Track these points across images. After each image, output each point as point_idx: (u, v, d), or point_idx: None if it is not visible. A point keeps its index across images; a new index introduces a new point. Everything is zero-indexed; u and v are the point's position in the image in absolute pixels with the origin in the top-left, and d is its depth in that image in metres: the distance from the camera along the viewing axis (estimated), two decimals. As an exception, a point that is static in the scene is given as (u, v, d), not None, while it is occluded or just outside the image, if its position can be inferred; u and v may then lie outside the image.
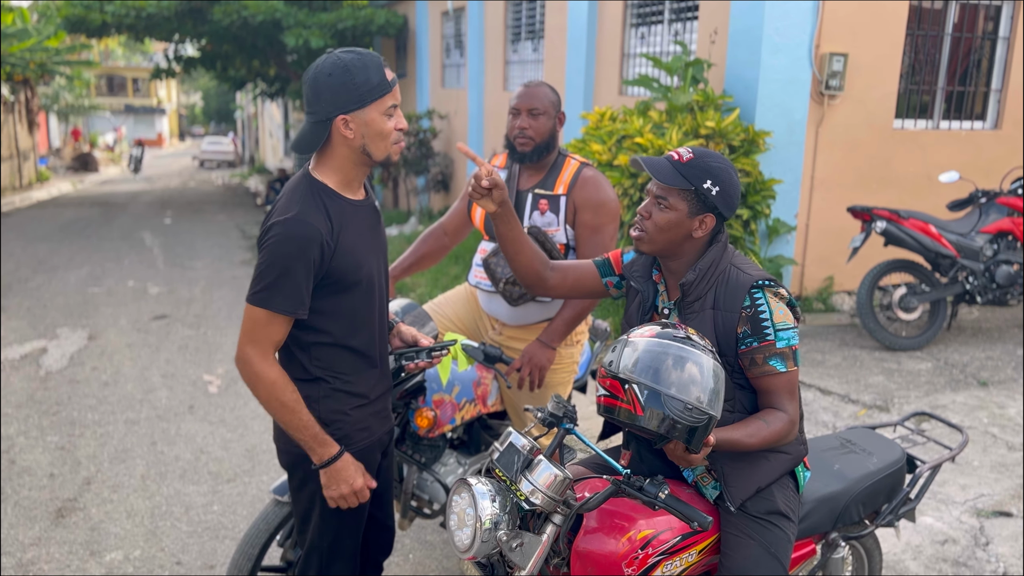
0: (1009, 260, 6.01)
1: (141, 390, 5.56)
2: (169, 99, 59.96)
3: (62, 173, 28.17)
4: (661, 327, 1.86)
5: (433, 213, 13.06)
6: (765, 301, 2.00)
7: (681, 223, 2.03)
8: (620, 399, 1.80)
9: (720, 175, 2.02)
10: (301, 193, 2.02)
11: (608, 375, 1.83)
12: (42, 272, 9.66)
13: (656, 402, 1.75)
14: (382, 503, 2.41)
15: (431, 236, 3.28)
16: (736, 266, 2.07)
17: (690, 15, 7.40)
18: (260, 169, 29.84)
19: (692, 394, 1.75)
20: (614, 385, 1.81)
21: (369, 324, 2.15)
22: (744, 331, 2.00)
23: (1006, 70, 7.15)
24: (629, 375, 1.78)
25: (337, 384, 2.12)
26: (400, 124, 2.03)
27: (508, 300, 2.91)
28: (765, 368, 1.99)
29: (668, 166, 2.03)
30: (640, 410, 1.76)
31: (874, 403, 5.05)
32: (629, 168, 5.87)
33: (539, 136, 2.86)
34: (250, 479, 4.24)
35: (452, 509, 1.91)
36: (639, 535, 1.96)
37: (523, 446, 1.90)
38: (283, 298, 1.97)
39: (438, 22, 13.49)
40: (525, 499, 1.84)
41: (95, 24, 14.62)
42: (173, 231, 13.55)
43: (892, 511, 2.51)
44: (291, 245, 1.95)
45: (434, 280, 8.00)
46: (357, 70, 1.95)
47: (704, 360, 1.79)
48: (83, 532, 3.74)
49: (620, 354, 1.83)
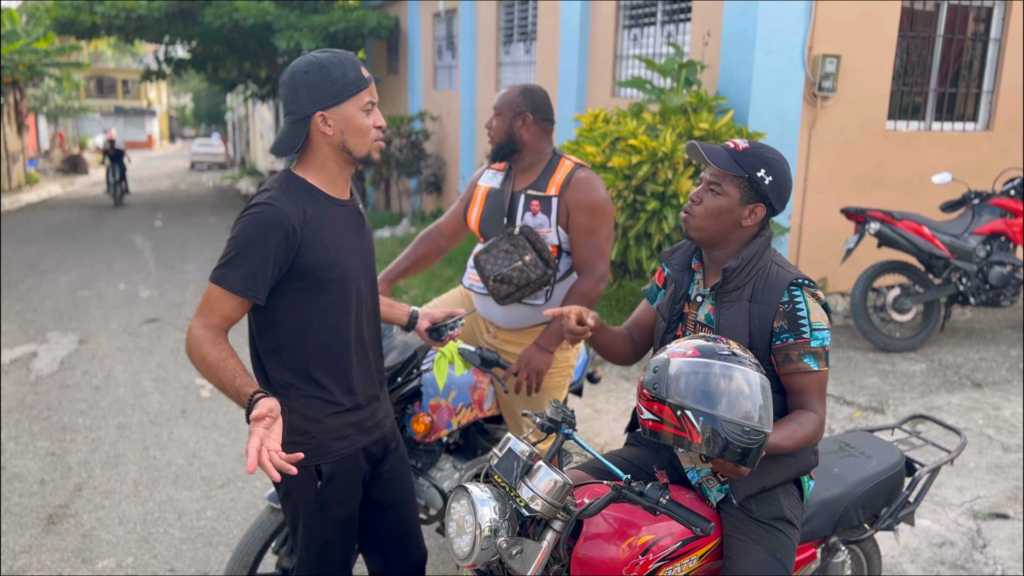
0: (1002, 261, 6.03)
1: (133, 394, 5.52)
2: (159, 101, 59.73)
3: (52, 175, 28.04)
4: (703, 341, 1.84)
5: (425, 215, 13.03)
6: (803, 299, 2.01)
7: (732, 210, 2.04)
8: (670, 424, 1.77)
9: (774, 165, 2.03)
10: (277, 184, 2.02)
11: (654, 399, 1.79)
12: (32, 275, 9.59)
13: (713, 428, 1.72)
14: (396, 518, 2.34)
15: (428, 238, 3.27)
16: (776, 264, 2.08)
17: (683, 17, 7.39)
18: (251, 171, 29.75)
19: (747, 415, 1.73)
20: (662, 410, 1.77)
21: (344, 328, 2.10)
22: (780, 326, 2.00)
23: (997, 71, 7.17)
24: (680, 400, 1.75)
25: (309, 390, 2.07)
26: (378, 121, 2.03)
27: (495, 298, 2.89)
28: (799, 365, 1.99)
29: (724, 152, 2.04)
30: (697, 437, 1.73)
31: (869, 405, 5.05)
32: (623, 170, 5.86)
33: (497, 135, 2.92)
34: (244, 484, 4.21)
35: (451, 516, 1.89)
36: (639, 541, 1.94)
37: (522, 452, 1.87)
38: (236, 277, 1.94)
39: (430, 24, 13.47)
40: (525, 505, 1.82)
41: (85, 26, 14.56)
42: (164, 234, 13.49)
43: (892, 514, 2.51)
44: (253, 226, 1.94)
45: (427, 282, 7.97)
46: (333, 66, 1.96)
47: (752, 376, 1.77)
48: (75, 539, 3.70)
49: (664, 376, 1.79)
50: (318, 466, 2.10)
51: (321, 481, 2.11)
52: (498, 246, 2.87)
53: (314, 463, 2.09)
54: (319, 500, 2.13)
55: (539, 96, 2.92)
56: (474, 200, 3.08)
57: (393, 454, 2.32)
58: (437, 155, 13.15)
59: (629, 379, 5.55)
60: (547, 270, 2.84)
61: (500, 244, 2.87)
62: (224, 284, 1.94)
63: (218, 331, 1.97)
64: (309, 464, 2.09)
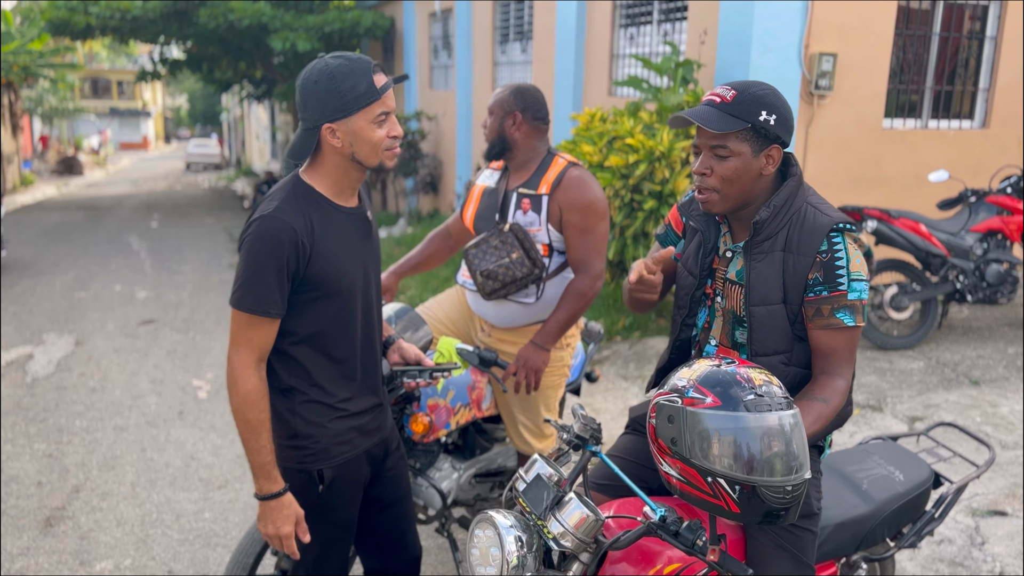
0: (999, 259, 6.03)
1: (130, 396, 5.51)
2: (155, 102, 59.63)
3: (46, 177, 27.98)
4: (718, 372, 1.60)
5: (422, 215, 13.02)
6: (844, 247, 1.84)
7: (748, 166, 1.84)
8: (701, 490, 1.58)
9: (771, 100, 1.83)
10: (283, 193, 1.99)
11: (677, 457, 1.60)
12: (28, 277, 9.56)
13: (753, 496, 1.53)
14: (394, 516, 2.34)
15: (437, 237, 3.32)
16: (813, 205, 1.89)
17: (679, 16, 7.39)
18: (247, 172, 29.71)
19: (788, 470, 1.53)
20: (688, 472, 1.58)
21: (350, 336, 2.09)
22: (815, 278, 1.84)
23: (993, 69, 7.18)
24: (711, 467, 1.54)
25: (313, 395, 2.06)
26: (393, 131, 1.97)
27: (482, 293, 2.90)
28: (831, 321, 1.83)
29: (714, 112, 1.83)
30: (735, 507, 1.55)
31: (867, 403, 5.05)
32: (620, 169, 5.86)
33: (491, 134, 2.94)
34: (241, 485, 4.20)
35: (474, 543, 1.79)
36: (666, 569, 1.86)
37: (549, 477, 1.77)
38: (254, 297, 1.92)
39: (426, 24, 13.45)
40: (554, 538, 1.72)
41: (79, 27, 14.52)
42: (160, 235, 13.46)
43: (916, 532, 2.39)
44: (263, 243, 1.91)
45: (424, 283, 7.97)
46: (343, 77, 1.89)
47: (786, 418, 1.55)
48: (72, 541, 3.69)
49: (685, 433, 1.57)
50: (320, 470, 2.09)
51: (323, 485, 2.11)
52: (488, 242, 2.88)
53: (316, 467, 2.09)
54: (320, 504, 2.12)
55: (531, 95, 2.92)
56: (471, 198, 3.10)
57: (394, 454, 2.31)
58: (434, 155, 13.14)
59: (627, 378, 5.55)
60: (533, 268, 2.84)
61: (490, 240, 2.88)
62: (243, 307, 1.94)
63: (261, 368, 1.99)
64: (311, 468, 2.09)
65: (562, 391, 3.17)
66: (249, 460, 2.00)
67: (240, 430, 1.99)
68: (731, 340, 2.01)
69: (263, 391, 1.99)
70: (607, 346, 6.15)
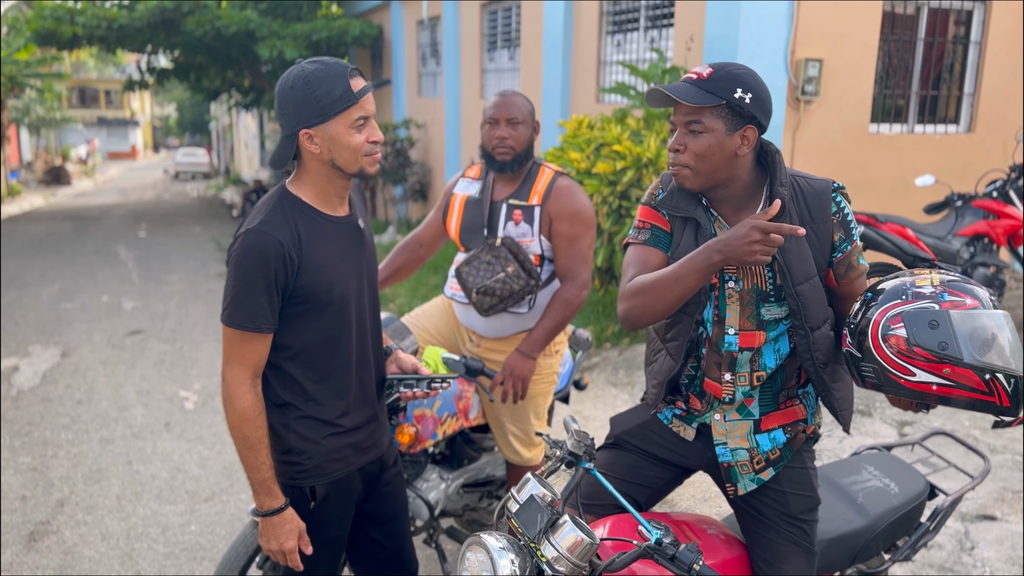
0: (986, 262, 6.05)
1: (116, 408, 5.46)
2: (143, 111, 59.45)
3: (34, 187, 27.85)
4: (970, 290, 1.74)
5: (411, 222, 13.01)
6: (845, 202, 1.94)
7: (722, 144, 1.85)
8: (971, 388, 1.68)
9: (748, 80, 1.84)
10: (269, 205, 1.96)
11: (945, 361, 1.68)
12: (13, 288, 9.49)
13: (1017, 389, 1.66)
14: (389, 532, 2.31)
15: (406, 248, 3.24)
16: (800, 176, 1.95)
17: (666, 22, 7.41)
18: (236, 180, 29.64)
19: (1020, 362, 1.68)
20: (959, 372, 1.67)
21: (345, 347, 2.06)
22: (840, 237, 1.92)
23: (978, 74, 7.22)
24: (989, 364, 1.66)
25: (308, 410, 2.03)
26: (372, 136, 1.93)
27: (479, 310, 2.87)
28: (859, 269, 1.95)
29: (690, 87, 1.84)
30: (1007, 400, 1.66)
31: (856, 408, 5.05)
32: (608, 176, 5.86)
33: (519, 146, 2.84)
34: (228, 498, 4.16)
35: (465, 567, 1.76)
36: None
37: (543, 497, 1.74)
38: (244, 313, 1.90)
39: (413, 31, 13.45)
40: (547, 563, 1.69)
41: (66, 37, 14.46)
42: (148, 244, 13.40)
43: (911, 545, 2.38)
44: (250, 258, 1.89)
45: (413, 290, 7.94)
46: (319, 82, 1.86)
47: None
48: (56, 556, 3.64)
49: (952, 334, 1.67)
50: (312, 487, 2.07)
51: (314, 502, 2.08)
52: (479, 258, 2.84)
53: (309, 484, 2.06)
54: (311, 519, 2.09)
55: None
56: (452, 209, 3.04)
57: (390, 470, 2.28)
58: (422, 162, 13.13)
59: (617, 385, 5.53)
60: (529, 280, 2.82)
61: (482, 256, 2.84)
62: (234, 323, 1.91)
63: (256, 384, 1.97)
64: (303, 485, 2.06)
65: (551, 399, 3.15)
66: (249, 477, 1.98)
67: (238, 447, 1.96)
68: (756, 320, 1.95)
69: (260, 407, 1.96)
70: (596, 353, 6.14)
